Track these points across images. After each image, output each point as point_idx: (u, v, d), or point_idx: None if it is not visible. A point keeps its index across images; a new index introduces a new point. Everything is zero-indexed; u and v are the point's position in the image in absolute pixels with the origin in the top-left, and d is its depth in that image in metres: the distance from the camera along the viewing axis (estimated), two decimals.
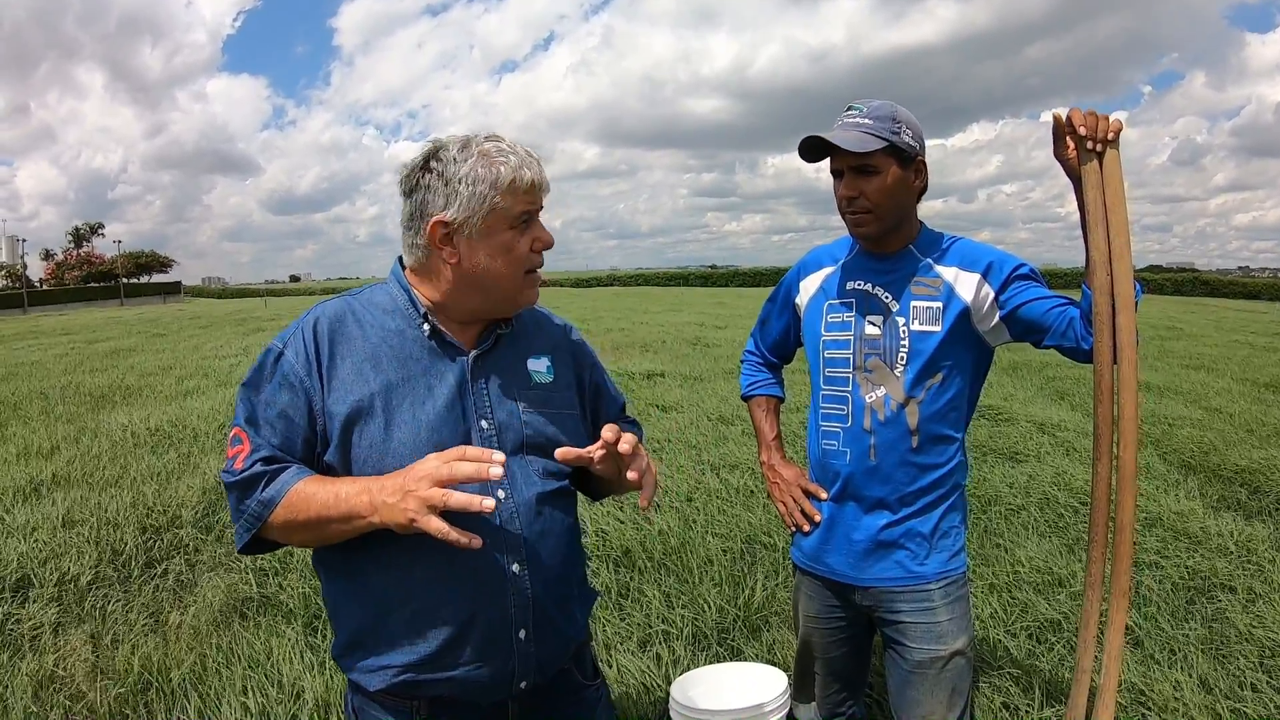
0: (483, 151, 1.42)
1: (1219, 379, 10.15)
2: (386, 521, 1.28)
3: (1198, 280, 60.40)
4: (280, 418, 1.41)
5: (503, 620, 1.44)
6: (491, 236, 1.44)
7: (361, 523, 1.31)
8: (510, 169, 1.42)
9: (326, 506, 1.32)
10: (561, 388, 1.63)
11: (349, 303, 1.53)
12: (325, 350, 1.44)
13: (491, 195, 1.41)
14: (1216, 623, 3.38)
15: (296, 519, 1.35)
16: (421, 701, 1.47)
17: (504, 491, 1.45)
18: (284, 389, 1.41)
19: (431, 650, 1.42)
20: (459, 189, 1.41)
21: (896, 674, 2.04)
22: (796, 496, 2.13)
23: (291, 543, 1.44)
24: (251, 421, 1.41)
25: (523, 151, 1.45)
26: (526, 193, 1.44)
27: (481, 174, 1.41)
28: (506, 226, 1.44)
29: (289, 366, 1.42)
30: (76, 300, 69.70)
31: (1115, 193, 1.65)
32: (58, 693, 2.91)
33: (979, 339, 1.95)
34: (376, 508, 1.28)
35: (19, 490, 5.36)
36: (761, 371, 2.37)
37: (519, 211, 1.44)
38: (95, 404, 8.93)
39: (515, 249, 1.46)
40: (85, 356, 14.44)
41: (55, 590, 3.74)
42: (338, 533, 1.36)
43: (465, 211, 1.41)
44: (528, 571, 1.46)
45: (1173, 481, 5.47)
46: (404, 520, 1.25)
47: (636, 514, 4.62)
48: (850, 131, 1.88)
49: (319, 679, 2.89)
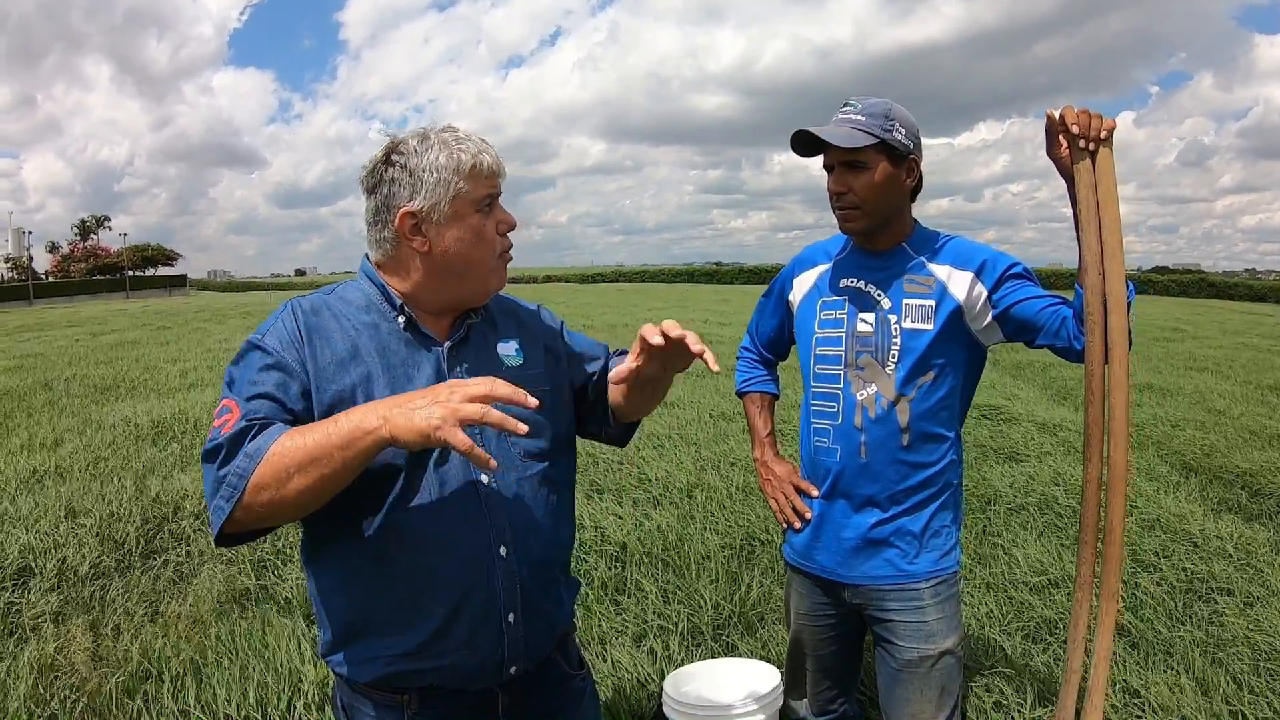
0: (441, 141, 1.45)
1: (1223, 381, 10.12)
2: (398, 433, 1.19)
3: (1204, 282, 60.22)
4: (266, 395, 1.36)
5: (492, 604, 1.46)
6: (459, 221, 1.46)
7: (368, 440, 1.22)
8: (470, 155, 1.45)
9: (326, 435, 1.24)
10: (533, 368, 1.64)
11: (323, 298, 1.53)
12: (304, 338, 1.43)
13: (455, 181, 1.44)
14: (1214, 625, 3.38)
15: (290, 463, 1.24)
16: (412, 694, 1.48)
17: (488, 477, 1.47)
18: (269, 370, 1.38)
19: (423, 637, 1.43)
20: (424, 178, 1.43)
21: (886, 672, 2.05)
22: (788, 493, 2.14)
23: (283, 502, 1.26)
24: (239, 394, 1.36)
25: (478, 139, 1.48)
26: (488, 177, 1.48)
27: (444, 161, 1.43)
28: (473, 210, 1.47)
29: (272, 349, 1.40)
30: (82, 293, 69.72)
31: (1108, 191, 1.65)
32: (58, 680, 2.93)
33: (971, 338, 1.95)
34: (387, 419, 1.20)
35: (22, 481, 5.38)
36: (757, 368, 2.38)
37: (482, 195, 1.47)
38: (99, 396, 8.95)
39: (485, 234, 1.49)
40: (90, 349, 14.45)
41: (56, 579, 3.77)
42: (341, 464, 1.24)
43: (432, 199, 1.44)
44: (515, 554, 1.48)
45: (1173, 483, 5.46)
46: (425, 428, 1.17)
47: (635, 510, 4.64)
48: (842, 127, 1.90)
49: (319, 669, 2.90)
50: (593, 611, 3.45)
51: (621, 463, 5.65)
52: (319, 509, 1.35)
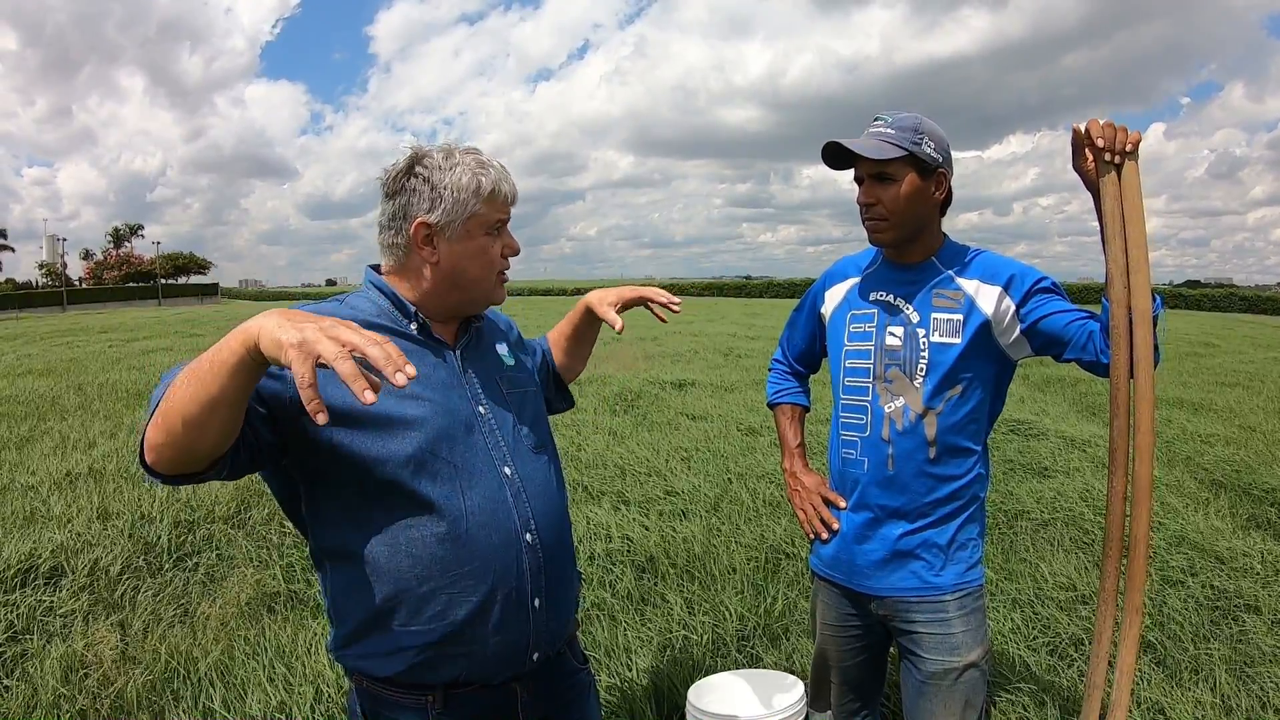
0: (465, 162, 1.52)
1: (1255, 396, 10.00)
2: (263, 334, 1.11)
3: (1236, 296, 59.43)
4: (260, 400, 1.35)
5: (521, 589, 1.51)
6: (469, 240, 1.54)
7: (235, 341, 1.14)
8: (490, 180, 1.53)
9: (202, 359, 1.17)
10: (522, 368, 1.78)
11: (333, 306, 1.57)
12: None
13: (473, 203, 1.51)
14: (1240, 643, 3.34)
15: (180, 381, 1.19)
16: (436, 692, 1.50)
17: (509, 467, 1.55)
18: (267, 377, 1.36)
19: (453, 625, 1.46)
20: (444, 194, 1.50)
21: (910, 684, 2.05)
22: (816, 504, 2.15)
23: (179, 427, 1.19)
24: None
25: (499, 165, 1.56)
26: (502, 203, 1.56)
27: (465, 183, 1.51)
28: (483, 232, 1.55)
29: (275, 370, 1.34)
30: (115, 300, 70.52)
31: (1133, 205, 1.65)
32: (86, 677, 2.98)
33: (1000, 352, 1.96)
34: (257, 321, 1.13)
35: (55, 482, 5.46)
36: (788, 380, 2.39)
37: (494, 220, 1.56)
38: (132, 401, 9.06)
39: (489, 253, 1.57)
40: (123, 354, 14.65)
41: (88, 579, 3.82)
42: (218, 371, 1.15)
43: (448, 216, 1.51)
44: (539, 540, 1.54)
45: (1202, 499, 5.41)
46: (282, 341, 1.08)
47: (662, 521, 4.65)
48: (871, 140, 1.91)
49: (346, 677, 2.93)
50: (618, 620, 3.46)
51: (649, 475, 5.66)
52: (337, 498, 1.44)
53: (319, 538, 1.53)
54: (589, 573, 3.91)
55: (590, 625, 3.38)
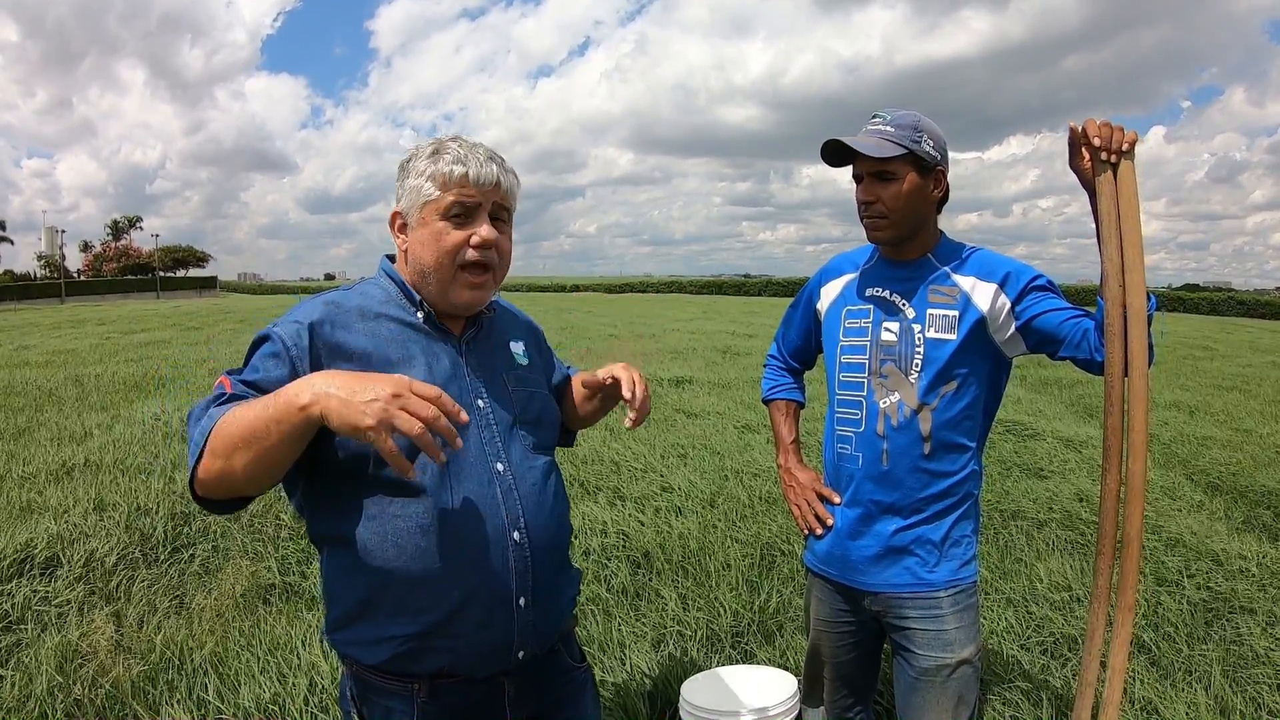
0: (439, 148, 1.54)
1: (1252, 400, 10.03)
2: (330, 416, 1.19)
3: (1234, 300, 59.49)
4: (256, 384, 1.39)
5: (505, 588, 1.50)
6: (424, 226, 1.54)
7: (299, 418, 1.21)
8: (447, 163, 1.51)
9: (264, 408, 1.24)
10: (536, 370, 1.76)
11: (346, 294, 1.58)
12: (323, 333, 1.47)
13: (427, 187, 1.51)
14: (1235, 644, 3.35)
15: (234, 432, 1.25)
16: (422, 682, 1.50)
17: (502, 464, 1.54)
18: (270, 359, 1.43)
19: (436, 618, 1.46)
20: (408, 182, 1.54)
21: (903, 680, 2.05)
22: (810, 500, 2.15)
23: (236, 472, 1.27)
24: (238, 384, 1.39)
25: (470, 149, 1.54)
26: (459, 185, 1.51)
27: (422, 168, 1.52)
28: (437, 217, 1.52)
29: (278, 341, 1.44)
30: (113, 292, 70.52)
31: (1129, 204, 1.66)
32: (82, 667, 2.98)
33: (995, 349, 1.96)
34: (320, 398, 1.19)
35: (51, 473, 5.46)
36: (783, 376, 2.39)
37: (449, 203, 1.52)
38: (129, 393, 9.06)
39: (443, 239, 1.52)
40: (120, 346, 14.65)
41: (83, 570, 3.82)
42: (278, 439, 1.24)
43: (408, 201, 1.54)
44: (527, 540, 1.53)
45: (1197, 502, 5.42)
46: (358, 424, 1.17)
47: (657, 517, 4.65)
48: (871, 137, 1.91)
49: (338, 663, 2.93)
50: (613, 615, 3.46)
51: (645, 471, 5.66)
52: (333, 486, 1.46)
53: (315, 523, 1.54)
54: (584, 567, 3.91)
55: (585, 620, 3.38)
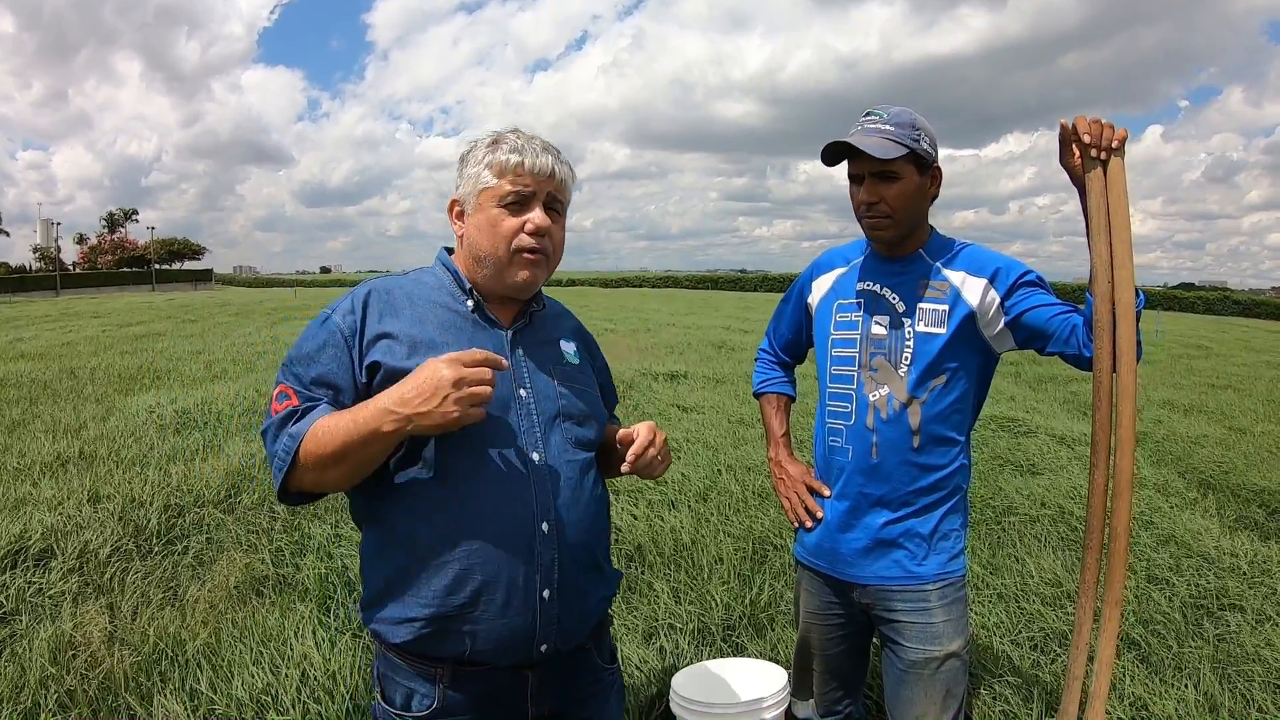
0: (497, 139, 1.59)
1: (1245, 399, 10.05)
2: (424, 428, 1.37)
3: (1230, 299, 59.63)
4: (322, 377, 1.50)
5: (529, 577, 1.51)
6: (481, 212, 1.58)
7: (390, 440, 1.40)
8: (504, 152, 1.56)
9: (350, 434, 1.39)
10: (587, 373, 1.77)
11: (398, 279, 1.64)
12: (375, 315, 1.54)
13: (483, 173, 1.57)
14: (1225, 642, 3.36)
15: (325, 451, 1.41)
16: (444, 666, 1.53)
17: (538, 454, 1.55)
18: (327, 348, 1.51)
19: (459, 601, 1.48)
20: (466, 170, 1.60)
21: (892, 673, 2.07)
22: (800, 493, 2.16)
23: (329, 481, 1.48)
24: (297, 378, 1.50)
25: (528, 140, 1.59)
26: (516, 174, 1.56)
27: (480, 156, 1.58)
28: (494, 204, 1.57)
29: (335, 326, 1.52)
30: (108, 284, 70.40)
31: (1119, 200, 1.67)
32: (75, 658, 2.98)
33: (984, 344, 1.97)
34: (409, 418, 1.36)
35: (46, 465, 5.46)
36: (774, 370, 2.40)
37: (507, 191, 1.56)
38: (124, 385, 9.05)
39: (499, 225, 1.57)
40: (115, 339, 14.62)
41: (77, 561, 3.82)
42: (370, 457, 1.43)
43: (466, 189, 1.60)
44: (556, 533, 1.54)
45: (1190, 499, 5.43)
46: (447, 423, 1.36)
47: (650, 511, 4.66)
48: (872, 137, 1.90)
49: (331, 654, 2.94)
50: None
51: None
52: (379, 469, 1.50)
53: (356, 502, 1.60)
54: None
55: None
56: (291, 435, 1.44)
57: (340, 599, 3.48)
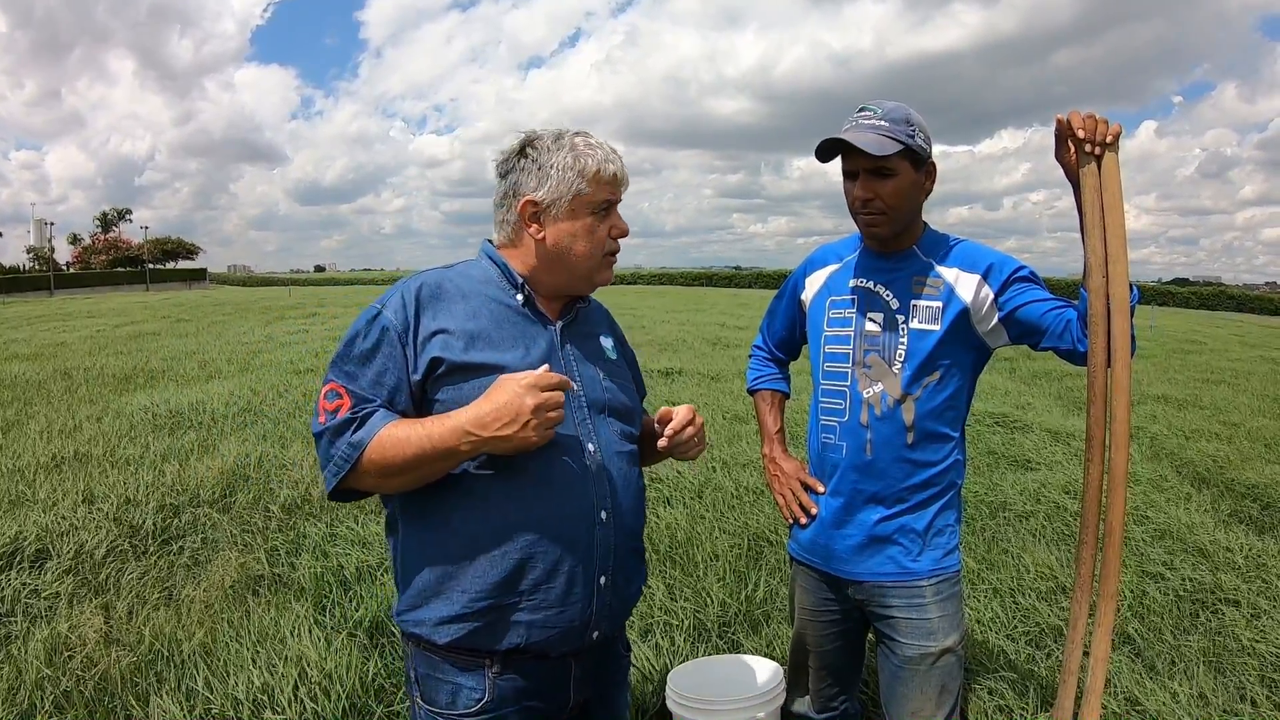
0: (573, 144, 1.59)
1: (1240, 394, 10.09)
2: (501, 451, 1.42)
3: (1224, 295, 59.82)
4: (377, 377, 1.50)
5: (589, 564, 1.56)
6: (575, 219, 1.60)
7: (464, 458, 1.44)
8: (596, 161, 1.58)
9: (423, 449, 1.41)
10: (624, 366, 1.82)
11: (445, 273, 1.64)
12: (427, 308, 1.55)
13: (578, 182, 1.58)
14: (1219, 635, 3.37)
15: (393, 463, 1.43)
16: (495, 657, 1.54)
17: (593, 444, 1.59)
18: (382, 346, 1.51)
19: (517, 593, 1.51)
20: (550, 173, 1.58)
21: (887, 669, 2.07)
22: (795, 489, 2.16)
23: (388, 488, 1.51)
24: (350, 377, 1.51)
25: (608, 148, 1.62)
26: (609, 183, 1.61)
27: (571, 162, 1.57)
28: (589, 212, 1.60)
29: (387, 323, 1.52)
30: (102, 284, 70.24)
31: (1113, 196, 1.67)
32: (71, 659, 2.97)
33: (978, 340, 1.97)
34: (485, 442, 1.39)
35: (41, 465, 5.45)
36: (768, 366, 2.40)
37: (601, 199, 1.61)
38: (118, 385, 9.05)
39: (596, 233, 1.62)
40: (110, 339, 14.61)
41: (72, 562, 3.82)
42: (440, 470, 1.47)
43: (554, 194, 1.58)
44: (613, 520, 1.59)
45: (1184, 494, 5.45)
46: (526, 447, 1.41)
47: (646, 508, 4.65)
48: (867, 133, 1.89)
49: (327, 653, 2.94)
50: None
51: None
52: None
53: (401, 500, 1.58)
54: None
55: None
56: (353, 444, 1.45)
57: (336, 598, 3.47)
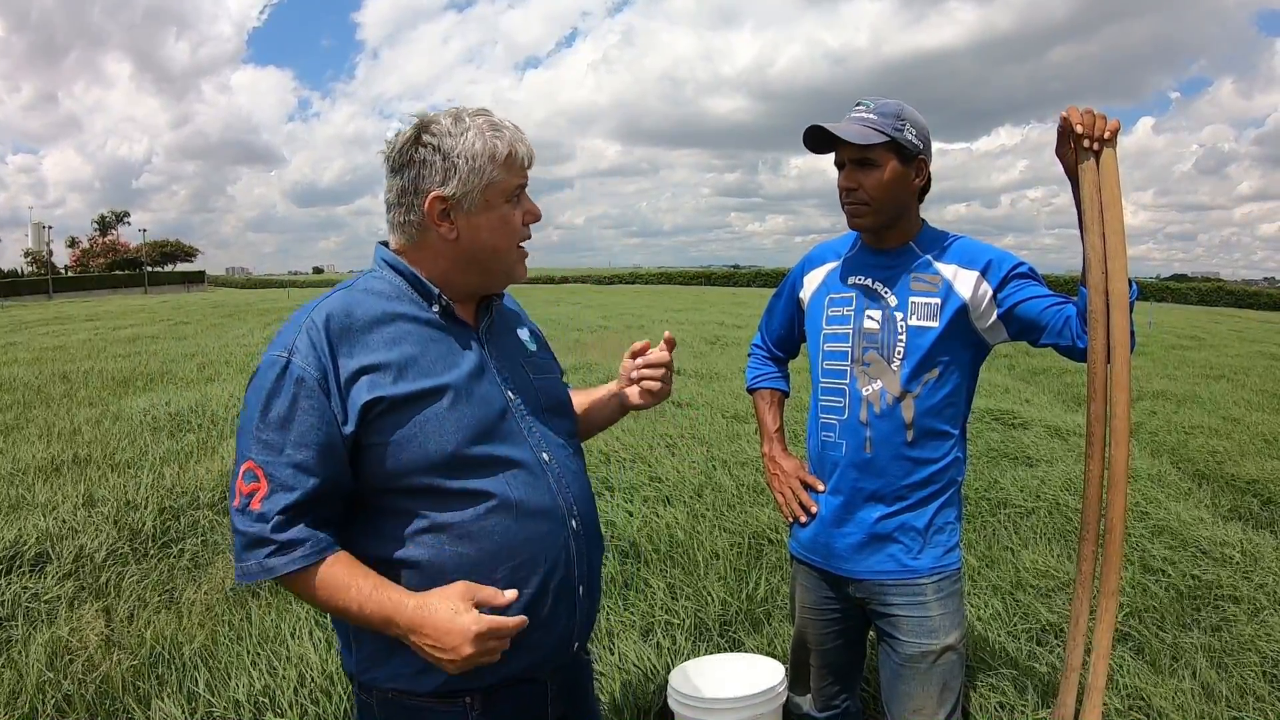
0: (477, 126, 1.41)
1: (1239, 389, 10.08)
2: (451, 670, 1.27)
3: (1222, 290, 59.87)
4: (301, 443, 1.31)
5: (569, 578, 1.47)
6: (490, 210, 1.43)
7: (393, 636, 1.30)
8: (506, 143, 1.42)
9: (348, 608, 1.29)
10: (546, 356, 1.68)
11: (349, 296, 1.43)
12: (342, 344, 1.36)
13: (490, 169, 1.40)
14: (1220, 631, 3.37)
15: (316, 601, 1.31)
16: (476, 695, 1.43)
17: (547, 454, 1.48)
18: (299, 402, 1.31)
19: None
20: (458, 163, 1.39)
21: (888, 667, 2.07)
22: (794, 488, 2.16)
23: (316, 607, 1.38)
24: (267, 448, 1.31)
25: (513, 126, 1.45)
26: (521, 166, 1.45)
27: (479, 148, 1.39)
28: (503, 200, 1.44)
29: (300, 372, 1.32)
30: (101, 287, 70.32)
31: (1111, 192, 1.67)
32: (72, 662, 2.97)
33: (977, 336, 1.97)
34: (415, 644, 1.27)
35: (40, 469, 5.44)
36: (767, 365, 2.40)
37: (514, 185, 1.45)
38: (117, 388, 9.03)
39: (511, 222, 1.46)
40: (109, 342, 14.59)
41: (72, 565, 3.81)
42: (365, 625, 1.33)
43: (465, 186, 1.40)
44: (582, 527, 1.50)
45: (1184, 490, 5.45)
46: (465, 668, 1.25)
47: (646, 507, 4.66)
48: (854, 125, 1.92)
49: (329, 654, 2.93)
50: (601, 605, 3.46)
51: (634, 461, 5.67)
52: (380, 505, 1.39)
53: (355, 542, 1.40)
54: None
55: None
56: (265, 568, 1.28)
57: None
